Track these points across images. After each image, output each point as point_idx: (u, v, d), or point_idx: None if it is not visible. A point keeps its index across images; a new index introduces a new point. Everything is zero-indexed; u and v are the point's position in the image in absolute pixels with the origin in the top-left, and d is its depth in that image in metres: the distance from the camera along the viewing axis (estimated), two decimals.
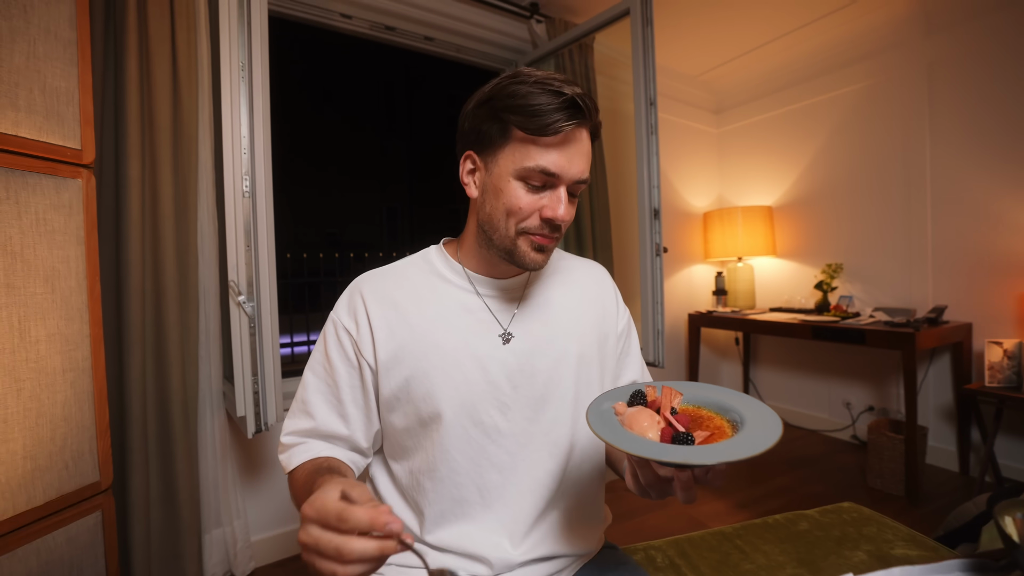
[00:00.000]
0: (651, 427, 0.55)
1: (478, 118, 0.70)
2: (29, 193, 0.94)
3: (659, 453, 0.49)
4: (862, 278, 2.75)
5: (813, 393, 3.05)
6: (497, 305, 0.78)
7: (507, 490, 0.73)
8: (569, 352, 0.77)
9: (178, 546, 1.50)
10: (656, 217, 2.06)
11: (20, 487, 0.91)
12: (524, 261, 0.70)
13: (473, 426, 0.72)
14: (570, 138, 0.66)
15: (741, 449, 0.49)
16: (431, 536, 0.72)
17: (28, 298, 0.93)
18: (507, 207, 0.68)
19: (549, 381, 0.75)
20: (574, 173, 0.67)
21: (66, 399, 0.99)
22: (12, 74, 0.92)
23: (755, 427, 0.53)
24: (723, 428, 0.57)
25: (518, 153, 0.66)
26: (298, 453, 0.73)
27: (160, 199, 1.46)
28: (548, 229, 0.69)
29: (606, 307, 0.85)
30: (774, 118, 3.19)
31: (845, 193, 2.82)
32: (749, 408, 0.58)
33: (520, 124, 0.65)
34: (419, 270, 0.80)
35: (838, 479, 2.40)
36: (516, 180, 0.67)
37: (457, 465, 0.72)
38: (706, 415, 0.61)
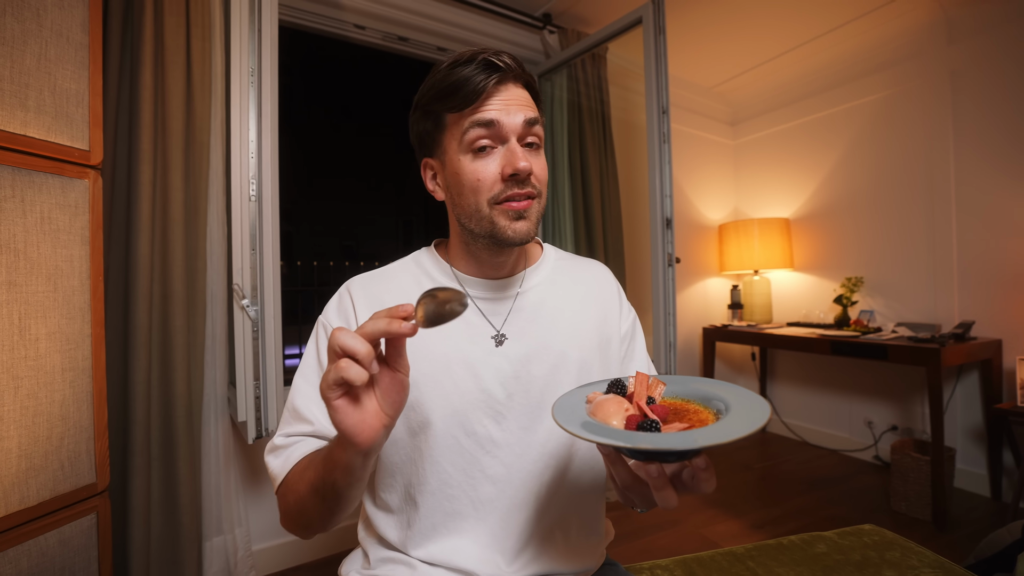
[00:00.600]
0: (616, 414, 0.51)
1: (416, 124, 0.70)
2: (35, 192, 0.95)
3: (606, 435, 0.45)
4: (884, 292, 2.67)
5: (833, 411, 2.95)
6: (489, 307, 0.74)
7: (502, 503, 0.69)
8: (568, 357, 0.73)
9: (178, 553, 1.48)
10: (668, 227, 2.02)
11: (13, 486, 0.90)
12: (506, 235, 0.66)
13: (465, 436, 0.68)
14: (495, 92, 0.64)
15: (707, 435, 0.44)
16: (420, 550, 0.68)
17: (30, 296, 0.93)
18: (468, 184, 0.66)
19: (546, 388, 0.71)
20: (516, 118, 0.64)
21: (64, 398, 0.98)
22: (23, 75, 0.93)
23: (735, 416, 0.48)
24: (707, 422, 0.51)
25: (456, 130, 0.65)
26: (295, 451, 0.66)
27: (170, 203, 1.48)
28: (517, 187, 0.65)
29: (608, 308, 0.81)
30: (791, 129, 3.14)
31: (865, 205, 2.74)
32: (738, 398, 0.53)
33: (446, 107, 0.64)
34: (409, 273, 0.78)
35: (860, 501, 2.30)
36: (465, 154, 0.65)
37: (449, 477, 0.68)
38: (692, 408, 0.55)
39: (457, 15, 2.33)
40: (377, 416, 0.50)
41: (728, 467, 2.76)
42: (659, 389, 0.57)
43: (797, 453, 2.93)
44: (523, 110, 0.65)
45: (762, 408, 0.49)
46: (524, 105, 0.66)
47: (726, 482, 2.56)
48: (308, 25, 2.06)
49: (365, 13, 2.13)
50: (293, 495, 0.63)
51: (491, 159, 0.65)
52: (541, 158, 0.69)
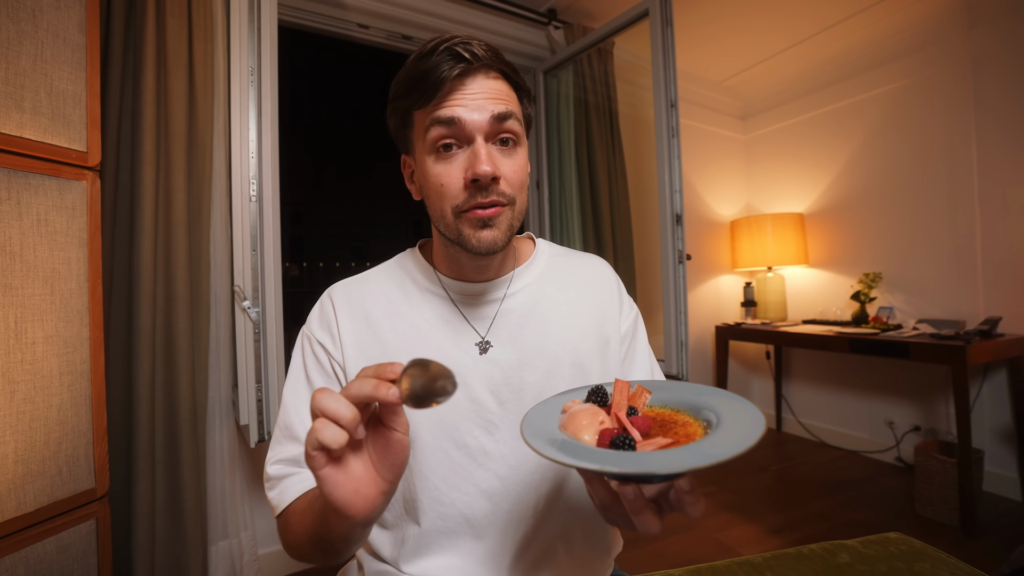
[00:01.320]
0: (588, 427, 0.45)
1: (389, 121, 0.66)
2: (31, 194, 0.94)
3: (569, 453, 0.40)
4: (904, 288, 2.58)
5: (852, 411, 2.86)
6: (473, 311, 0.70)
7: (498, 518, 0.64)
8: (563, 361, 0.68)
9: (183, 557, 1.47)
10: (679, 223, 1.98)
11: (9, 492, 0.89)
12: (472, 245, 0.61)
13: (456, 449, 0.64)
14: (459, 86, 0.58)
15: (685, 457, 0.38)
16: (413, 567, 0.65)
17: (26, 299, 0.92)
18: (433, 188, 0.61)
19: (540, 395, 0.66)
20: (482, 114, 0.58)
21: (62, 403, 0.97)
22: (18, 76, 0.92)
23: (725, 432, 0.42)
24: (694, 436, 0.45)
25: (420, 129, 0.60)
26: (292, 485, 0.62)
27: (173, 205, 1.47)
28: (479, 195, 0.59)
29: (607, 306, 0.75)
30: (805, 122, 3.06)
31: (883, 198, 2.66)
32: (730, 409, 0.47)
33: (410, 104, 0.60)
34: (393, 277, 0.73)
35: (882, 505, 2.22)
36: (429, 155, 0.60)
37: (440, 494, 0.64)
38: (680, 420, 0.49)
39: (461, 12, 2.31)
40: (373, 483, 0.45)
41: (742, 469, 2.69)
42: (643, 398, 0.51)
43: (815, 454, 2.86)
44: (492, 103, 0.58)
45: (756, 423, 0.43)
46: (493, 98, 0.59)
47: (740, 484, 2.50)
48: (312, 25, 2.05)
49: (368, 12, 2.12)
50: (291, 536, 0.60)
51: (455, 162, 0.59)
52: (517, 157, 0.62)
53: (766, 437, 3.16)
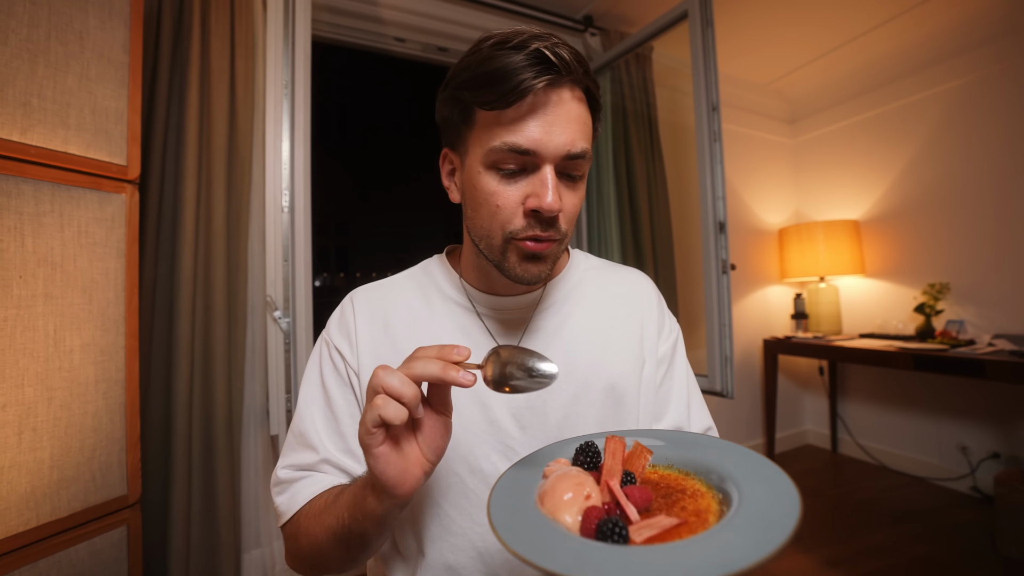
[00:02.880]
0: (571, 504, 0.37)
1: (442, 105, 0.59)
2: (73, 206, 0.97)
3: (539, 553, 0.31)
4: (976, 300, 2.36)
5: (917, 434, 2.63)
6: (499, 327, 0.65)
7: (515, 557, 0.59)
8: (592, 385, 0.63)
9: (216, 564, 1.49)
10: (722, 231, 1.88)
11: (45, 497, 0.91)
12: (515, 274, 0.56)
13: (470, 474, 0.60)
14: (543, 102, 0.51)
15: (697, 563, 0.29)
16: None
17: (65, 308, 0.95)
18: (485, 206, 0.55)
19: (565, 420, 0.61)
20: (558, 144, 0.51)
21: (97, 410, 0.99)
22: (64, 95, 0.96)
23: (745, 518, 0.33)
24: (705, 515, 0.37)
25: (483, 136, 0.53)
26: (303, 489, 0.59)
27: (213, 217, 1.51)
28: (539, 227, 0.54)
29: (646, 325, 0.69)
30: (858, 124, 2.88)
31: (949, 203, 2.45)
32: (753, 480, 0.38)
33: (478, 100, 0.52)
34: (417, 284, 0.70)
35: (956, 540, 2.01)
36: (487, 170, 0.54)
37: (451, 523, 0.59)
38: (689, 488, 0.41)
39: (496, 22, 2.30)
40: (418, 463, 0.46)
41: None
42: (643, 460, 0.43)
43: (876, 479, 2.63)
44: (570, 135, 0.52)
45: (786, 499, 0.34)
46: (573, 128, 0.53)
47: None
48: (350, 40, 2.09)
49: (405, 26, 2.14)
50: (306, 539, 0.56)
51: (517, 185, 0.54)
52: (579, 192, 0.57)
53: (820, 458, 2.97)
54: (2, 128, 0.87)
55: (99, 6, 1.03)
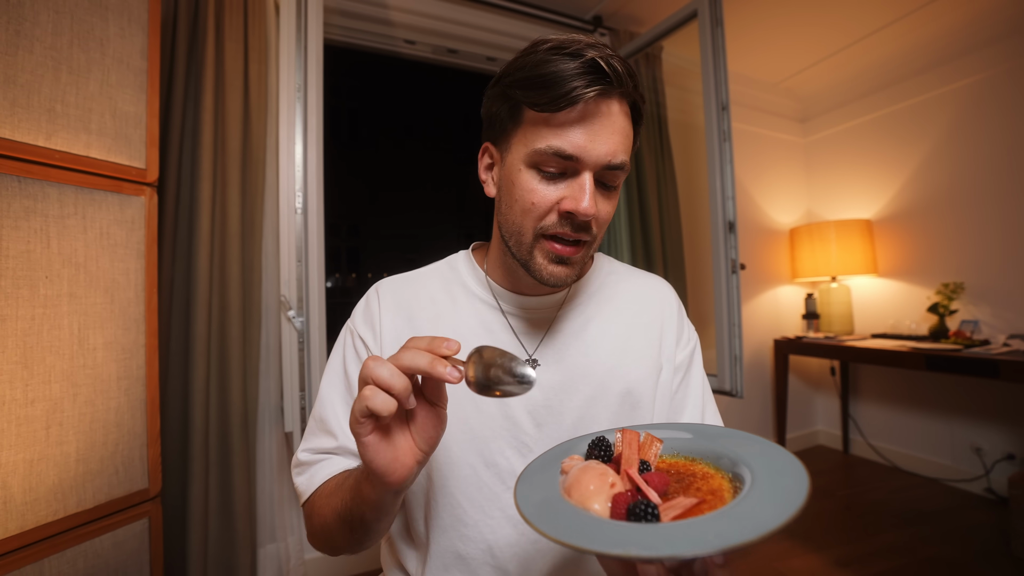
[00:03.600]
0: (598, 493, 0.39)
1: (490, 102, 0.60)
2: (95, 209, 1.00)
3: (584, 538, 0.33)
4: (990, 300, 2.33)
5: (931, 435, 2.60)
6: (523, 326, 0.67)
7: (522, 549, 0.60)
8: (609, 388, 0.64)
9: (233, 558, 1.52)
10: (731, 231, 1.88)
11: (71, 489, 0.94)
12: (540, 275, 0.58)
13: (484, 467, 0.61)
14: (592, 111, 0.53)
15: (728, 531, 0.31)
16: None
17: (89, 307, 0.98)
18: (520, 202, 0.57)
19: (580, 421, 0.63)
20: (600, 153, 0.53)
21: (119, 406, 1.02)
22: (87, 100, 0.99)
23: (762, 492, 0.36)
24: (721, 491, 0.39)
25: (529, 135, 0.55)
26: (320, 470, 0.63)
27: (228, 219, 1.54)
28: (571, 228, 0.56)
29: (665, 332, 0.70)
30: (871, 122, 2.85)
31: (964, 201, 2.42)
32: (762, 459, 0.40)
33: (529, 100, 0.54)
34: (442, 279, 0.72)
35: (969, 541, 1.99)
36: (528, 168, 0.56)
37: (463, 514, 0.61)
38: (700, 472, 0.43)
39: (506, 24, 2.32)
40: (411, 452, 0.46)
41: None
42: (655, 449, 0.45)
43: (888, 480, 2.61)
44: (612, 146, 0.54)
45: (796, 473, 0.36)
46: (616, 140, 0.54)
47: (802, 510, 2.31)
48: (360, 43, 2.11)
49: (415, 28, 2.17)
50: (318, 518, 0.59)
51: (556, 187, 0.55)
52: (613, 200, 0.59)
53: (832, 458, 2.95)
54: (28, 134, 0.90)
55: (119, 13, 1.06)
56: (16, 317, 0.87)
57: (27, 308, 0.88)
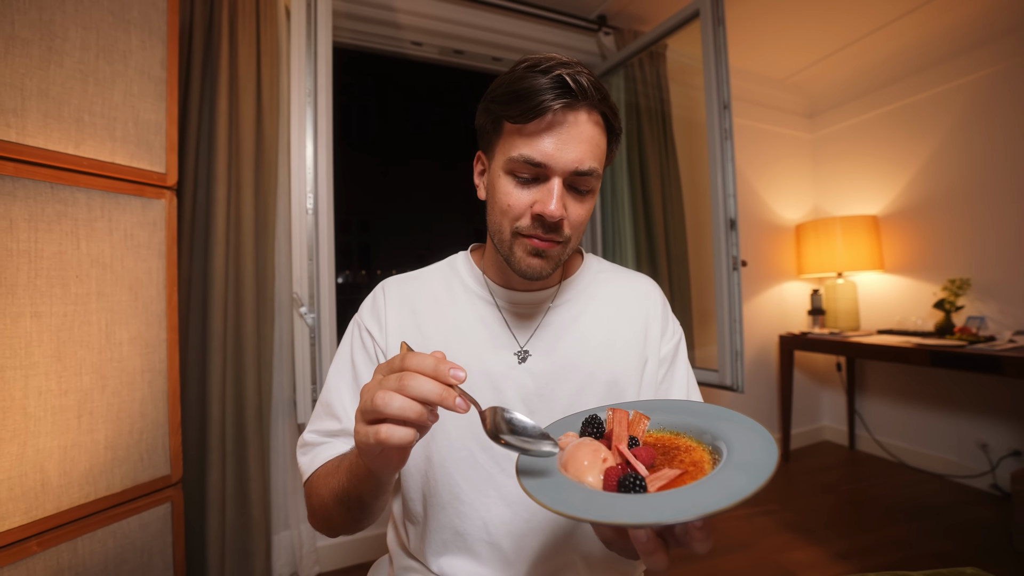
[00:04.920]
0: (592, 467, 0.43)
1: (479, 114, 0.67)
2: (120, 212, 1.06)
3: (579, 508, 0.37)
4: (997, 296, 2.33)
5: (937, 431, 2.60)
6: (516, 320, 0.72)
7: (515, 526, 0.65)
8: (596, 378, 0.69)
9: (249, 543, 1.59)
10: (732, 228, 1.90)
11: (101, 474, 1.01)
12: (520, 267, 0.64)
13: (481, 451, 0.66)
14: (560, 121, 0.58)
15: (708, 499, 0.35)
16: (433, 564, 0.68)
17: (115, 304, 1.05)
18: (499, 205, 0.63)
19: (569, 408, 0.67)
20: (567, 161, 0.58)
21: (143, 397, 1.09)
22: (112, 110, 1.06)
23: (738, 463, 0.40)
24: (701, 463, 0.43)
25: (507, 145, 0.61)
26: (323, 451, 0.68)
27: (243, 219, 1.60)
28: (542, 229, 0.61)
29: (649, 327, 0.75)
30: (879, 117, 2.84)
31: (971, 197, 2.42)
32: (738, 433, 0.45)
33: (505, 113, 0.60)
34: (443, 277, 0.77)
35: (972, 537, 2.00)
36: (506, 175, 0.62)
37: (461, 492, 0.66)
38: (683, 445, 0.47)
39: (511, 25, 2.35)
40: (400, 454, 0.49)
41: (808, 488, 2.52)
42: (642, 425, 0.50)
43: (893, 476, 2.62)
44: (580, 154, 0.59)
45: (767, 446, 0.41)
46: (584, 148, 0.59)
47: (804, 504, 2.34)
48: (368, 45, 2.16)
49: (421, 30, 2.21)
50: (317, 498, 0.64)
51: (528, 191, 0.61)
52: (586, 204, 0.64)
53: (837, 454, 2.96)
54: (59, 143, 0.96)
55: (140, 27, 1.12)
56: (50, 314, 0.93)
57: (60, 305, 0.95)
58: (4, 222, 0.88)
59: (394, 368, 0.44)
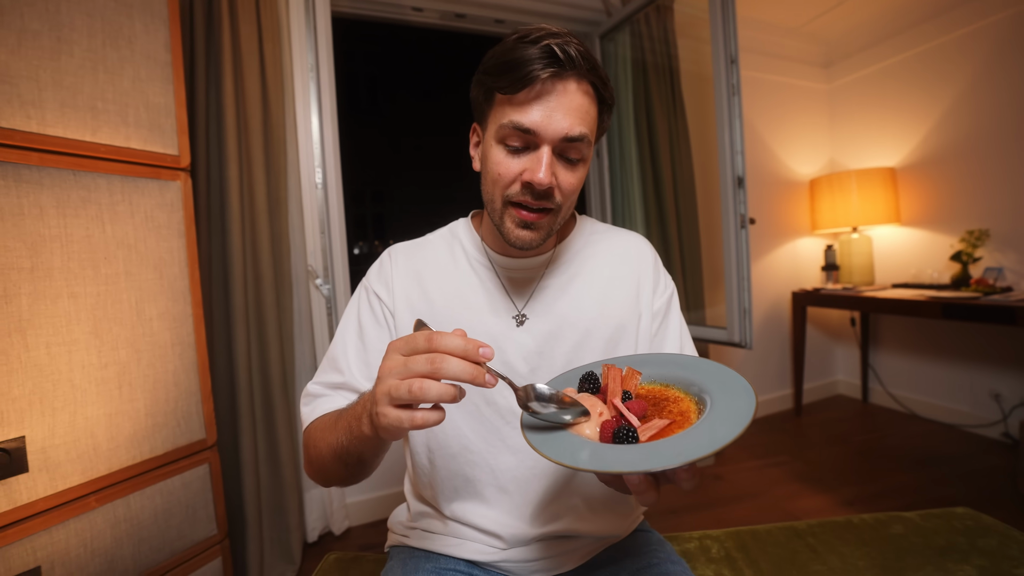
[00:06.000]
0: (591, 420, 0.48)
1: (473, 87, 0.68)
2: (140, 195, 1.12)
3: (580, 459, 0.42)
4: (1017, 246, 2.28)
5: (950, 382, 2.61)
6: (513, 285, 0.75)
7: (521, 472, 0.71)
8: (593, 335, 0.73)
9: (282, 500, 1.72)
10: (740, 186, 1.89)
11: (144, 439, 1.10)
12: (510, 238, 0.66)
13: (486, 405, 0.71)
14: (549, 90, 0.60)
15: (693, 446, 0.40)
16: (445, 509, 0.74)
17: (143, 283, 1.11)
18: (491, 174, 0.65)
19: (568, 365, 0.72)
20: (556, 129, 0.60)
21: (175, 368, 1.17)
22: (122, 96, 1.09)
23: (720, 412, 0.44)
24: (688, 412, 0.47)
25: (498, 114, 0.63)
26: (323, 403, 0.72)
27: (256, 196, 1.65)
28: (532, 196, 0.63)
29: (641, 283, 0.78)
30: (899, 64, 2.73)
31: (995, 145, 2.33)
32: (720, 385, 0.48)
33: (495, 84, 0.61)
34: (446, 244, 0.80)
35: (979, 482, 2.04)
36: (497, 144, 0.64)
37: (470, 443, 0.71)
38: (672, 396, 0.51)
39: None
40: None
41: (819, 439, 2.57)
42: (635, 379, 0.53)
43: (905, 427, 2.66)
44: (569, 121, 0.60)
45: (746, 396, 0.44)
46: (573, 116, 0.61)
47: (816, 455, 2.40)
48: (368, 13, 2.14)
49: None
50: (314, 450, 0.67)
51: (518, 159, 0.63)
52: (577, 172, 0.65)
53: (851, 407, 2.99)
54: (78, 131, 1.01)
55: (142, 11, 1.14)
56: (85, 294, 1.00)
57: (92, 286, 1.02)
58: (35, 210, 0.94)
59: (418, 349, 0.46)
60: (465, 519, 0.72)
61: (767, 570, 0.92)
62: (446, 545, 0.74)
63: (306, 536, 1.85)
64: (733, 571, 0.92)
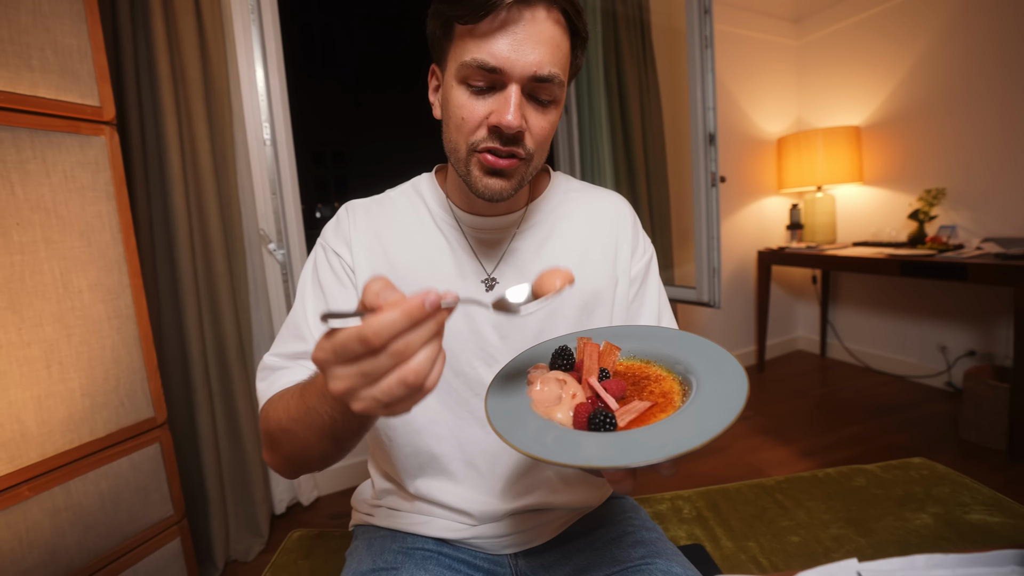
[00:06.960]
0: (562, 404, 0.42)
1: (429, 21, 0.59)
2: (55, 152, 0.99)
3: (549, 450, 0.36)
4: (970, 205, 2.35)
5: (902, 336, 2.73)
6: (482, 247, 0.69)
7: (489, 446, 0.67)
8: (567, 302, 0.68)
9: (246, 474, 1.66)
10: (711, 143, 1.85)
11: (82, 421, 1.02)
12: (478, 188, 0.59)
13: (454, 377, 0.67)
14: (515, 19, 0.52)
15: (677, 438, 0.35)
16: (410, 486, 0.70)
17: (67, 251, 1.00)
18: (453, 119, 0.57)
19: (540, 333, 0.67)
20: (524, 64, 0.53)
21: (114, 344, 1.07)
22: (21, 34, 0.94)
23: (707, 397, 0.39)
24: (671, 395, 0.43)
25: (458, 50, 0.55)
26: (280, 377, 0.62)
27: (199, 154, 1.51)
28: (500, 142, 0.56)
29: (620, 245, 0.73)
30: (868, 19, 2.70)
31: (955, 103, 2.36)
32: (708, 363, 0.43)
33: (454, 13, 0.53)
34: (408, 201, 0.72)
35: (924, 429, 2.17)
36: (459, 84, 0.56)
37: (436, 415, 0.67)
38: (653, 375, 0.46)
39: None
40: None
41: (780, 394, 2.68)
42: (613, 356, 0.48)
43: (858, 379, 2.79)
44: (539, 56, 0.53)
45: (737, 379, 0.39)
46: (543, 51, 0.53)
47: (777, 409, 2.49)
48: None
49: None
50: (278, 431, 0.56)
51: (484, 101, 0.55)
52: (549, 115, 0.58)
53: (809, 362, 3.12)
54: None
55: None
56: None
57: (4, 256, 0.90)
58: None
59: (358, 351, 0.35)
60: (432, 497, 0.68)
61: (737, 528, 0.93)
62: (412, 523, 0.70)
63: (273, 508, 1.81)
64: (705, 531, 0.93)
